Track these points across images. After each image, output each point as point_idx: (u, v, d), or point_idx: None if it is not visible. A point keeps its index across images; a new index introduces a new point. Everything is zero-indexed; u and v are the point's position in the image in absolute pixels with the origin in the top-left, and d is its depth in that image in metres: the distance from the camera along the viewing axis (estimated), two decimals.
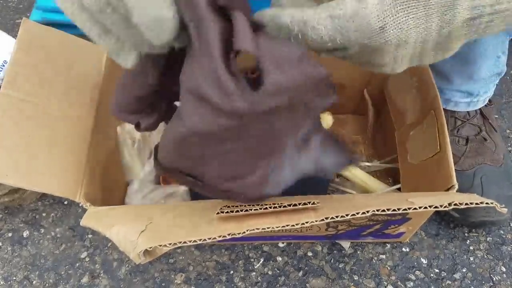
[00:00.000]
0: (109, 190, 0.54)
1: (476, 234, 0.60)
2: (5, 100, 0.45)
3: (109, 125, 0.58)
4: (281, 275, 0.58)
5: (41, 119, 0.47)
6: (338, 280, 0.57)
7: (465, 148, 0.60)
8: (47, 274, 0.59)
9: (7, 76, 0.46)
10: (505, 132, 0.71)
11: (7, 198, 0.60)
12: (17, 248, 0.61)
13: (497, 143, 0.61)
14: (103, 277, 0.58)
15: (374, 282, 0.57)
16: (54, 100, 0.49)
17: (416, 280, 0.57)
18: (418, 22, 0.30)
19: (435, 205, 0.37)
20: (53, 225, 0.63)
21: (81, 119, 0.51)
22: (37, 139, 0.46)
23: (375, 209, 0.36)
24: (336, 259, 0.59)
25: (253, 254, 0.59)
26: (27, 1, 0.93)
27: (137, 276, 0.58)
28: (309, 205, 0.37)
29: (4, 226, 0.63)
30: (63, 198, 0.65)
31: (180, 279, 0.58)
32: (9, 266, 0.60)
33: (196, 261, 0.59)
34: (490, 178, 0.58)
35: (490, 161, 0.59)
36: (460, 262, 0.58)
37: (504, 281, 0.56)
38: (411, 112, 0.56)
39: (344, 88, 0.65)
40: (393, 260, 0.58)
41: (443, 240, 0.60)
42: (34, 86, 0.48)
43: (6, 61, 0.70)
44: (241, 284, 0.57)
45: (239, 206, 0.37)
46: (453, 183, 0.44)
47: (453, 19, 0.30)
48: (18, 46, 0.48)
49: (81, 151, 0.50)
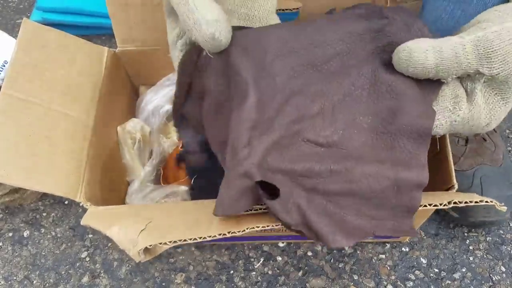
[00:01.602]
0: (109, 190, 0.54)
1: (475, 234, 0.60)
2: (6, 100, 0.46)
3: (109, 125, 0.58)
4: (281, 275, 0.58)
5: (42, 119, 0.48)
6: (338, 280, 0.57)
7: (464, 148, 0.60)
8: (47, 273, 0.59)
9: (8, 76, 0.46)
10: (505, 132, 0.71)
11: (7, 198, 0.60)
12: (17, 248, 0.61)
13: (496, 143, 0.61)
14: (104, 276, 0.58)
15: (373, 282, 0.57)
16: (54, 100, 0.50)
17: (415, 279, 0.57)
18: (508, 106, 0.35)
19: (435, 204, 0.37)
20: (54, 225, 0.63)
21: (81, 119, 0.51)
22: (38, 139, 0.46)
23: None
24: (336, 258, 0.59)
25: (253, 254, 0.60)
26: (27, 1, 0.93)
27: (138, 276, 0.58)
28: None
29: (5, 226, 0.63)
30: (64, 198, 0.65)
31: (180, 279, 0.58)
32: (10, 265, 0.60)
33: (196, 260, 0.59)
34: (490, 178, 0.58)
35: (490, 161, 0.59)
36: (460, 262, 0.58)
37: (504, 280, 0.56)
38: None
39: None
40: (392, 259, 0.58)
41: (443, 240, 0.60)
42: (35, 86, 0.48)
43: (6, 61, 0.70)
44: (241, 283, 0.57)
45: None
46: (453, 183, 0.44)
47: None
48: (18, 46, 0.48)
49: (81, 151, 0.50)
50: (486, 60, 0.32)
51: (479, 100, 0.34)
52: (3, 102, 0.45)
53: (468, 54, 0.32)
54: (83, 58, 0.55)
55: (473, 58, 0.32)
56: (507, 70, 0.32)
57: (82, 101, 0.52)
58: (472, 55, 0.32)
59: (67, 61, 0.53)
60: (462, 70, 0.33)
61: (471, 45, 0.32)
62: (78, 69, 0.53)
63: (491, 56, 0.31)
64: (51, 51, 0.51)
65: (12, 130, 0.45)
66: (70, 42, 0.54)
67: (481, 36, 0.32)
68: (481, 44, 0.31)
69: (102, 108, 0.54)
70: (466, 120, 0.35)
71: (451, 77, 0.33)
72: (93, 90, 0.54)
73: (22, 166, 0.44)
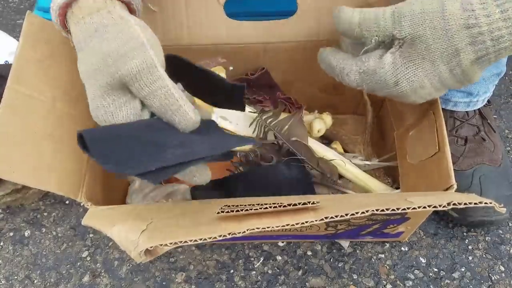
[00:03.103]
0: (110, 190, 0.54)
1: (475, 233, 0.61)
2: (13, 95, 0.45)
3: None
4: (281, 274, 0.58)
5: (46, 117, 0.47)
6: (338, 279, 0.57)
7: (464, 148, 0.60)
8: (48, 273, 0.59)
9: (14, 70, 0.45)
10: (504, 132, 0.71)
11: (9, 198, 0.61)
12: (18, 247, 0.62)
13: (495, 143, 0.61)
14: (104, 276, 0.59)
15: (373, 281, 0.57)
16: (58, 98, 0.49)
17: (415, 279, 0.57)
18: (427, 71, 0.39)
19: (434, 205, 0.37)
20: (55, 225, 0.63)
21: (82, 118, 0.51)
22: (42, 136, 0.46)
23: (374, 208, 0.36)
24: (336, 258, 0.59)
25: (253, 253, 0.60)
26: (28, 2, 0.93)
27: (138, 275, 0.58)
28: (309, 204, 0.37)
29: (6, 225, 0.64)
30: (64, 197, 0.65)
31: (181, 278, 0.58)
32: (11, 265, 0.60)
33: (197, 260, 0.59)
34: (489, 178, 0.58)
35: (489, 161, 0.59)
36: (459, 261, 0.58)
37: (503, 280, 0.57)
38: (410, 112, 0.56)
39: (343, 89, 0.66)
40: (392, 259, 0.59)
41: (442, 240, 0.60)
42: (40, 82, 0.47)
43: (7, 61, 0.70)
44: (241, 283, 0.57)
45: (239, 205, 0.38)
46: (452, 183, 0.44)
47: (460, 63, 0.38)
48: (23, 40, 0.47)
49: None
50: (398, 24, 0.39)
51: (386, 59, 0.40)
52: (9, 97, 0.44)
53: (386, 19, 0.39)
54: None
55: (389, 21, 0.39)
56: (412, 34, 0.38)
57: (83, 100, 0.52)
58: (389, 19, 0.39)
59: (69, 58, 0.52)
60: (381, 32, 0.40)
61: (389, 11, 0.39)
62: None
63: (401, 20, 0.38)
64: (55, 47, 0.50)
65: (18, 126, 0.44)
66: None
67: (399, 6, 0.39)
68: (397, 10, 0.39)
69: None
70: (371, 72, 0.41)
71: (374, 40, 0.41)
72: None
73: (28, 164, 0.43)
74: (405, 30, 0.38)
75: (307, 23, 0.55)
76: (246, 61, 0.59)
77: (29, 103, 0.46)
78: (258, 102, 0.61)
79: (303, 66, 0.58)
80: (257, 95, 0.61)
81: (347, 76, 0.43)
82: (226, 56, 0.57)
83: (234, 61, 0.58)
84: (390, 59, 0.40)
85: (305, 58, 0.57)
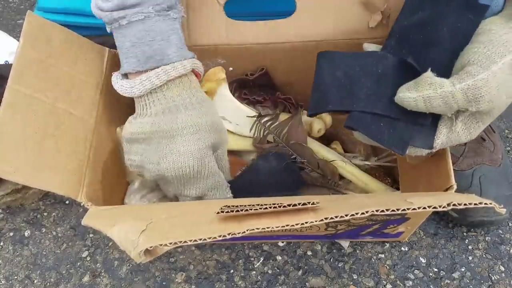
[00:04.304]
0: (110, 190, 0.54)
1: (474, 233, 0.61)
2: (14, 95, 0.45)
3: (110, 125, 0.58)
4: (281, 274, 0.58)
5: (47, 117, 0.47)
6: (338, 279, 0.57)
7: (463, 148, 0.60)
8: (48, 273, 0.59)
9: (14, 70, 0.45)
10: (504, 132, 0.71)
11: (9, 198, 0.61)
12: (18, 247, 0.62)
13: (495, 143, 0.61)
14: (104, 276, 0.59)
15: (373, 281, 0.57)
16: (59, 97, 0.49)
17: (415, 279, 0.57)
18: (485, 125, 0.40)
19: (434, 206, 0.37)
20: (55, 225, 0.63)
21: (83, 118, 0.51)
22: (43, 136, 0.46)
23: (374, 209, 0.36)
24: (336, 258, 0.59)
25: (253, 253, 0.60)
26: (28, 2, 0.93)
27: (138, 275, 0.58)
28: (309, 205, 0.37)
29: (6, 225, 0.64)
30: (64, 197, 0.65)
31: (181, 278, 0.58)
32: (11, 265, 0.60)
33: (197, 260, 0.60)
34: (489, 178, 0.58)
35: (489, 161, 0.59)
36: (459, 261, 0.58)
37: (503, 280, 0.57)
38: None
39: None
40: (392, 259, 0.59)
41: (442, 240, 0.60)
42: (41, 82, 0.47)
43: (7, 61, 0.70)
44: (241, 283, 0.57)
45: (239, 206, 0.38)
46: (452, 183, 0.44)
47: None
48: (24, 40, 0.47)
49: (83, 150, 0.50)
50: (474, 102, 0.36)
51: (458, 128, 0.39)
52: (10, 97, 0.44)
53: (458, 100, 0.36)
54: (85, 56, 0.54)
55: (462, 101, 0.37)
56: (491, 106, 0.37)
57: (84, 100, 0.52)
58: (461, 100, 0.36)
59: (70, 58, 0.52)
60: (453, 110, 0.38)
61: (460, 93, 0.36)
62: (80, 68, 0.53)
63: (479, 100, 0.36)
64: (55, 47, 0.50)
65: (19, 126, 0.44)
66: (72, 39, 0.53)
67: (471, 84, 0.36)
68: (470, 91, 0.36)
69: (103, 109, 0.55)
70: (446, 144, 0.41)
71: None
72: (94, 89, 0.54)
73: (28, 164, 0.44)
74: (484, 107, 0.37)
75: (306, 24, 0.55)
76: (245, 61, 0.59)
77: (29, 103, 0.46)
78: (258, 102, 0.61)
79: (303, 66, 0.58)
80: (257, 95, 0.61)
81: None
82: (226, 57, 0.57)
83: (234, 62, 0.58)
84: (462, 127, 0.40)
85: (304, 58, 0.57)
